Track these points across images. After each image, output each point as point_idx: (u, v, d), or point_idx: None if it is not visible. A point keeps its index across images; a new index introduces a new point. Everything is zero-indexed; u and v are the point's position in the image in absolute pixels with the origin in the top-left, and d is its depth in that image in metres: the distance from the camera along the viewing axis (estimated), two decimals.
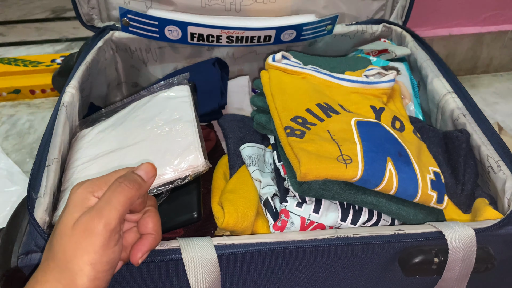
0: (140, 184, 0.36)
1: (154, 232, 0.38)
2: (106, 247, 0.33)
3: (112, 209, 0.33)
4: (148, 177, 0.37)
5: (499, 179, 0.48)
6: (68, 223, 0.33)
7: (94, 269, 0.32)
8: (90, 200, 0.34)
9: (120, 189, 0.34)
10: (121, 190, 0.34)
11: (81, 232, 0.32)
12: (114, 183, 0.35)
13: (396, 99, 0.58)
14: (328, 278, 0.44)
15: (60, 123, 0.52)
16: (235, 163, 0.53)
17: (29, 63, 1.02)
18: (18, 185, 0.75)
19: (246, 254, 0.41)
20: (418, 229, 0.43)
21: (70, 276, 0.32)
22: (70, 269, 0.32)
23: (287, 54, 0.58)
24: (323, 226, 0.45)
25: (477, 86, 1.06)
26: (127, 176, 0.36)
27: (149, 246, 0.37)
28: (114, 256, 0.33)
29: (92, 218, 0.33)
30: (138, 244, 0.37)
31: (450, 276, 0.42)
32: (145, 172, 0.37)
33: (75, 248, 0.32)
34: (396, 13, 0.77)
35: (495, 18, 1.00)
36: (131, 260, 0.37)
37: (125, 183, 0.35)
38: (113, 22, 0.72)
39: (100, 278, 0.32)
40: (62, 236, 0.33)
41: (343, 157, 0.43)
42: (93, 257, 0.32)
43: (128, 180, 0.35)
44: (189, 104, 0.54)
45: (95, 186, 0.35)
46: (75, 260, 0.32)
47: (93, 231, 0.32)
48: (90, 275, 0.32)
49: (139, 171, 0.37)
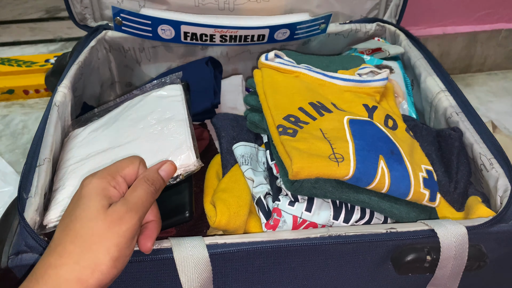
0: (161, 185, 0.40)
1: (157, 218, 0.40)
2: (133, 235, 0.36)
3: (144, 206, 0.37)
4: (168, 178, 0.42)
5: (492, 177, 0.48)
6: (98, 210, 0.35)
7: (119, 250, 0.34)
8: (110, 190, 0.37)
9: (150, 191, 0.38)
10: (149, 190, 0.38)
11: (116, 218, 0.35)
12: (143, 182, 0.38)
13: (389, 98, 0.58)
14: (320, 276, 0.44)
15: (52, 122, 0.51)
16: (228, 162, 0.53)
17: (23, 63, 1.02)
18: (12, 185, 0.75)
19: (238, 253, 0.41)
20: (410, 227, 0.43)
21: (93, 257, 0.33)
22: (95, 249, 0.33)
23: (280, 53, 0.58)
24: (316, 224, 0.45)
25: (471, 84, 1.06)
26: (155, 178, 0.40)
27: (156, 232, 0.39)
28: (134, 244, 0.37)
29: (129, 210, 0.35)
30: (146, 233, 0.39)
31: (443, 274, 0.42)
32: (166, 173, 0.41)
33: (106, 231, 0.34)
34: (390, 12, 0.77)
35: (489, 17, 1.00)
36: (143, 249, 0.38)
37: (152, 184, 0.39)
38: (106, 21, 0.72)
39: (120, 261, 0.34)
40: (91, 219, 0.34)
41: (335, 156, 0.43)
42: (122, 240, 0.34)
43: (156, 183, 0.39)
44: (182, 103, 0.53)
45: (109, 177, 0.37)
46: (103, 241, 0.34)
47: (128, 221, 0.35)
48: (114, 255, 0.34)
49: (162, 172, 0.41)
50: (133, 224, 0.35)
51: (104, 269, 0.33)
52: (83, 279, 0.32)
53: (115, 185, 0.37)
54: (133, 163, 0.40)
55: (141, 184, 0.38)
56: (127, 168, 0.39)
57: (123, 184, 0.38)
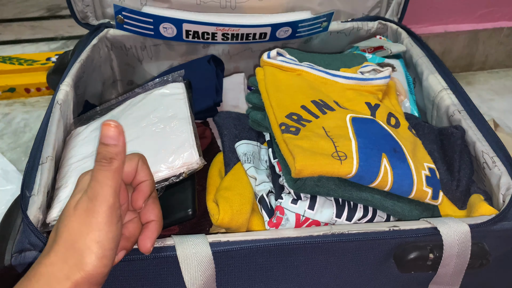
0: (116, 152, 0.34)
1: (158, 218, 0.39)
2: (109, 224, 0.33)
3: (104, 187, 0.33)
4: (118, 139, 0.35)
5: (494, 175, 0.48)
6: (71, 206, 0.34)
7: (101, 247, 0.33)
8: None
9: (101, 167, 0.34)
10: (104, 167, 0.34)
11: (82, 213, 0.33)
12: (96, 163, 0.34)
13: (391, 96, 0.58)
14: (323, 274, 0.44)
15: (54, 121, 0.51)
16: (230, 160, 0.53)
17: (24, 62, 1.02)
18: (13, 183, 0.75)
19: (241, 251, 0.41)
20: (413, 225, 0.43)
21: (78, 256, 0.32)
22: (77, 248, 0.32)
23: (282, 51, 0.58)
24: (318, 222, 0.45)
25: (473, 83, 1.06)
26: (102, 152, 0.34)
27: (156, 233, 0.38)
28: (118, 232, 0.34)
29: (90, 199, 0.33)
30: (145, 233, 0.38)
31: (445, 272, 0.43)
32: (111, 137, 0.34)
33: (79, 228, 0.33)
34: (392, 10, 0.77)
35: (491, 15, 1.00)
36: (142, 249, 0.37)
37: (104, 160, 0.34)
38: (108, 19, 0.72)
39: (107, 256, 0.33)
40: (66, 217, 0.34)
41: (338, 154, 0.43)
42: (99, 234, 0.33)
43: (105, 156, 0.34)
44: (184, 101, 0.53)
45: None
46: (81, 239, 0.32)
47: (93, 211, 0.33)
48: (98, 253, 0.32)
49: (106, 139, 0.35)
50: (100, 212, 0.33)
51: (91, 268, 0.32)
52: (73, 278, 0.32)
53: None
54: (131, 160, 0.37)
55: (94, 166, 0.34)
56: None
57: None
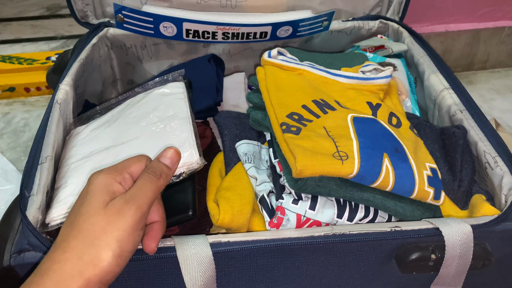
0: (167, 173, 0.39)
1: (162, 219, 0.40)
2: (135, 228, 0.35)
3: (144, 195, 0.36)
4: (173, 164, 0.41)
5: (496, 175, 0.48)
6: (99, 205, 0.35)
7: (120, 246, 0.34)
8: (114, 186, 0.36)
9: (150, 178, 0.38)
10: (151, 179, 0.38)
11: (114, 212, 0.34)
12: (144, 173, 0.38)
13: (392, 95, 0.57)
14: (324, 275, 0.44)
15: (54, 120, 0.51)
16: (230, 160, 0.53)
17: (24, 61, 1.01)
18: (13, 183, 0.75)
19: (242, 252, 0.41)
20: (415, 225, 0.43)
21: (95, 252, 0.33)
22: (96, 245, 0.33)
23: (283, 50, 0.58)
24: (319, 223, 0.45)
25: (474, 82, 1.05)
26: (155, 166, 0.39)
27: (161, 234, 0.39)
28: (138, 239, 0.36)
29: (126, 201, 0.35)
30: (150, 233, 0.38)
31: (447, 272, 0.42)
32: (170, 160, 0.41)
33: (106, 225, 0.34)
34: (393, 9, 0.77)
35: (492, 14, 0.99)
36: (148, 250, 0.38)
37: (154, 173, 0.38)
38: (107, 18, 0.72)
39: (122, 257, 0.34)
40: (93, 214, 0.34)
41: (339, 154, 0.43)
42: (122, 234, 0.34)
43: (157, 171, 0.39)
44: (184, 100, 0.53)
45: (115, 172, 0.37)
46: (104, 236, 0.33)
47: (126, 213, 0.35)
48: (116, 251, 0.33)
49: (164, 159, 0.40)
50: (132, 215, 0.35)
51: (105, 265, 0.33)
52: (86, 275, 0.32)
53: (120, 180, 0.37)
54: (140, 161, 0.40)
55: (142, 175, 0.38)
56: (134, 166, 0.39)
57: (129, 180, 0.38)
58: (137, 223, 0.35)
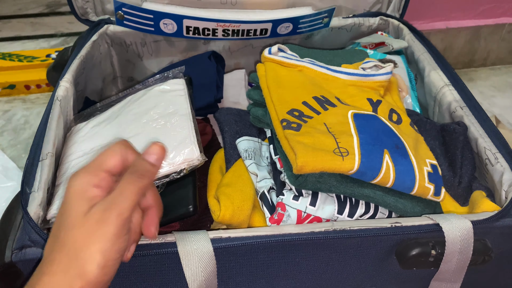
0: (152, 171, 0.36)
1: (156, 203, 0.38)
2: (118, 236, 0.33)
3: (125, 200, 0.33)
4: (159, 161, 0.37)
5: (497, 172, 0.48)
6: (77, 215, 0.33)
7: (104, 257, 0.32)
8: (91, 192, 0.34)
9: (132, 180, 0.35)
10: (134, 181, 0.34)
11: (94, 222, 0.33)
12: (127, 175, 0.35)
13: (393, 92, 0.57)
14: (325, 271, 0.44)
15: (54, 117, 0.51)
16: (231, 157, 0.53)
17: (24, 58, 1.01)
18: (14, 180, 0.75)
19: (243, 247, 0.41)
20: (415, 221, 0.43)
21: (79, 265, 0.32)
22: (80, 257, 0.32)
23: (283, 47, 0.58)
24: (320, 219, 0.45)
25: (474, 79, 1.05)
26: (138, 166, 0.36)
27: (157, 218, 0.37)
28: (124, 245, 0.34)
29: (105, 209, 0.33)
30: (147, 219, 0.37)
31: (447, 268, 0.42)
32: (156, 157, 0.37)
33: (87, 237, 0.32)
34: (393, 6, 0.77)
35: (493, 11, 0.99)
36: (148, 235, 0.37)
37: (137, 174, 0.35)
38: (108, 15, 0.72)
39: (109, 266, 0.33)
40: (72, 227, 0.33)
41: (340, 150, 0.43)
42: (105, 244, 0.32)
43: (141, 171, 0.35)
44: (185, 97, 0.53)
45: (90, 175, 0.34)
46: (86, 249, 0.32)
47: (106, 221, 0.33)
48: (100, 262, 0.32)
49: (148, 156, 0.37)
50: (113, 223, 0.32)
51: (92, 277, 0.32)
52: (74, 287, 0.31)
53: (97, 183, 0.34)
54: (115, 153, 0.36)
55: (124, 176, 0.35)
56: (109, 161, 0.35)
57: (108, 179, 0.35)
58: (119, 230, 0.33)
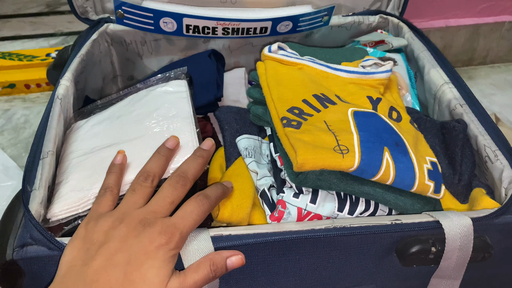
0: (222, 274, 0.40)
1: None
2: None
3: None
4: (232, 268, 0.40)
5: (496, 169, 0.48)
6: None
7: None
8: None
9: (209, 277, 0.39)
10: (209, 278, 0.39)
11: None
12: (207, 268, 0.38)
13: (393, 90, 0.57)
14: (325, 268, 0.44)
15: (55, 115, 0.51)
16: (231, 155, 0.53)
17: (24, 57, 1.01)
18: (14, 179, 0.75)
19: (243, 245, 0.41)
20: (415, 218, 0.43)
21: None
22: None
23: (283, 45, 0.58)
24: (320, 216, 0.45)
25: (474, 77, 1.05)
26: (219, 266, 0.39)
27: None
28: None
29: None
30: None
31: (447, 265, 0.42)
32: (232, 264, 0.40)
33: None
34: (393, 4, 0.77)
35: (492, 9, 0.99)
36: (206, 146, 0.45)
37: (214, 273, 0.39)
38: (107, 14, 0.72)
39: None
40: None
41: (340, 147, 0.43)
42: None
43: (217, 272, 0.39)
44: (187, 100, 0.53)
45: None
46: None
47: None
48: None
49: (229, 261, 0.40)
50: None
51: None
52: None
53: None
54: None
55: (204, 266, 0.38)
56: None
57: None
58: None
